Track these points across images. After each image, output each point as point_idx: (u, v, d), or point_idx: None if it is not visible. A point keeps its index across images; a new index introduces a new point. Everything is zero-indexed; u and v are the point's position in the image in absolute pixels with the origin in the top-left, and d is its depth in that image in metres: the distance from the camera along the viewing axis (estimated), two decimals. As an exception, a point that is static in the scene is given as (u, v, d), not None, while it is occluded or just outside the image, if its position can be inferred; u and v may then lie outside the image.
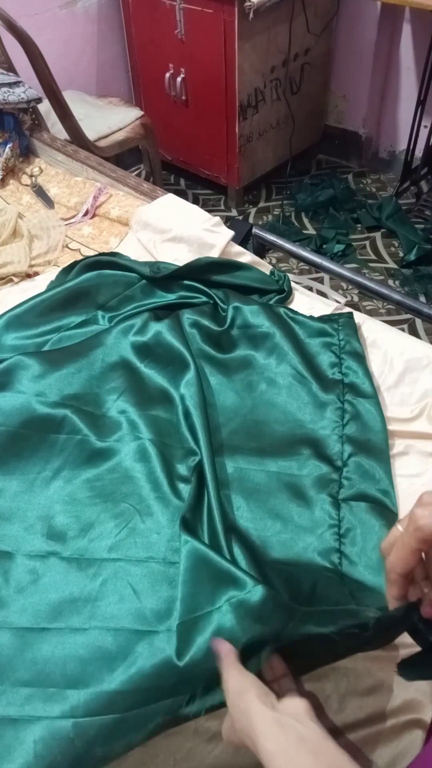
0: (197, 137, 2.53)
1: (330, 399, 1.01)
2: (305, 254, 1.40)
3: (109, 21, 2.53)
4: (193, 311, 1.14)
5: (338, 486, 0.89)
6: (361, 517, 0.86)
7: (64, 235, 1.43)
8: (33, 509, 0.85)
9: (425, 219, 2.46)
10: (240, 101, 2.31)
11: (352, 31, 2.52)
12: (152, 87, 2.56)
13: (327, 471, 0.91)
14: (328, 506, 0.87)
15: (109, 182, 1.56)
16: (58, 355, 1.04)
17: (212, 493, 0.84)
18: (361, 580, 0.78)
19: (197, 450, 0.91)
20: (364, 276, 1.37)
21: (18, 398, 0.95)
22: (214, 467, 0.88)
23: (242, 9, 2.05)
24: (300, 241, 2.38)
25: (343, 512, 0.86)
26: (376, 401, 1.00)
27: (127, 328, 1.09)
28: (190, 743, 0.63)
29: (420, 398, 1.03)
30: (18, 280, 1.31)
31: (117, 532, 0.82)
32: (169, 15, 2.26)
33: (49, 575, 0.77)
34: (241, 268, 1.25)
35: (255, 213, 2.63)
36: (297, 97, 2.55)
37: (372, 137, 2.78)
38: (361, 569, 0.81)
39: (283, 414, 1.00)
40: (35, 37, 1.74)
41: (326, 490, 0.88)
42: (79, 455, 0.91)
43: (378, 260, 2.34)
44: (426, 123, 2.45)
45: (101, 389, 1.00)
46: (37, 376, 0.99)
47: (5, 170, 1.60)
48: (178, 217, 1.35)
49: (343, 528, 0.85)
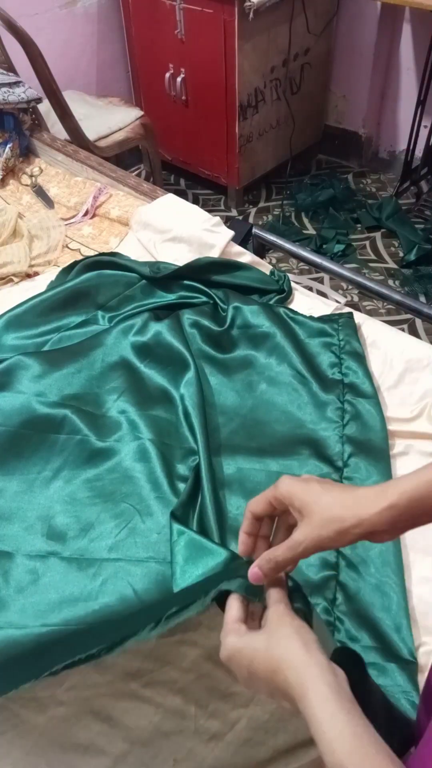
0: (197, 137, 2.53)
1: (330, 399, 1.01)
2: (305, 254, 1.40)
3: (109, 21, 2.52)
4: (193, 311, 1.14)
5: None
6: None
7: (64, 235, 1.43)
8: (33, 509, 0.85)
9: (425, 219, 2.46)
10: (240, 101, 2.31)
11: (352, 31, 2.52)
12: (152, 87, 2.55)
13: (327, 471, 0.91)
14: None
15: (109, 182, 1.56)
16: (58, 355, 1.04)
17: (207, 493, 0.84)
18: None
19: (197, 450, 0.91)
20: (364, 276, 1.37)
21: (18, 398, 0.95)
22: (211, 467, 0.88)
23: (242, 9, 2.05)
24: (300, 241, 2.38)
25: None
26: (376, 401, 1.00)
27: (127, 328, 1.09)
28: (190, 743, 0.63)
29: (420, 398, 1.03)
30: (18, 280, 1.31)
31: (117, 532, 0.82)
32: (169, 15, 2.25)
33: (49, 575, 0.77)
34: (241, 268, 1.25)
35: (255, 213, 2.63)
36: (297, 97, 2.55)
37: (372, 137, 2.77)
38: (359, 569, 0.81)
39: (284, 414, 1.00)
40: (35, 37, 1.74)
41: None
42: (79, 455, 0.91)
43: (378, 260, 2.34)
44: (426, 123, 2.45)
45: (101, 389, 1.00)
46: (37, 376, 0.99)
47: (5, 170, 1.60)
48: (178, 217, 1.35)
49: None
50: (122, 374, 1.03)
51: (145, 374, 1.04)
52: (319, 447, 0.94)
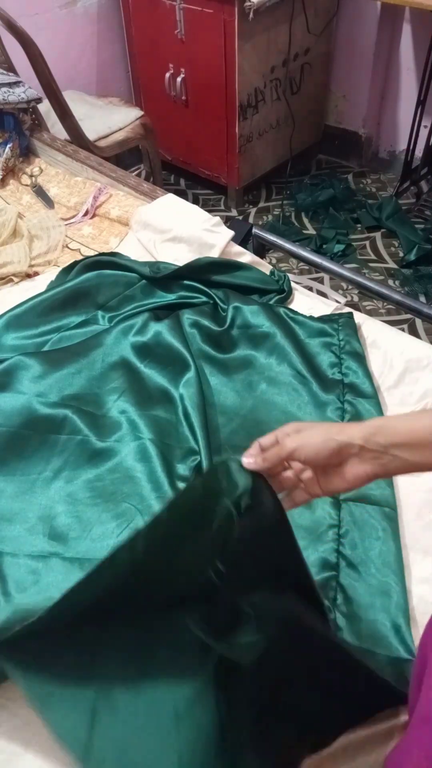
0: (197, 137, 2.53)
1: (330, 399, 1.01)
2: (305, 254, 1.40)
3: (109, 21, 2.52)
4: (193, 311, 1.14)
5: None
6: (361, 518, 0.86)
7: (64, 235, 1.43)
8: (34, 510, 0.85)
9: (425, 219, 2.46)
10: (240, 101, 2.31)
11: (352, 31, 2.52)
12: (152, 87, 2.55)
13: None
14: (328, 506, 0.87)
15: (109, 182, 1.57)
16: (58, 355, 1.04)
17: None
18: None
19: (198, 450, 0.91)
20: (364, 276, 1.37)
21: (19, 399, 0.95)
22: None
23: (242, 9, 2.05)
24: (300, 241, 2.38)
25: (344, 513, 0.86)
26: (376, 401, 1.00)
27: (127, 329, 1.09)
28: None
29: (420, 398, 1.03)
30: (18, 280, 1.31)
31: (119, 532, 0.82)
32: (169, 15, 2.25)
33: (50, 576, 0.77)
34: (241, 268, 1.25)
35: (255, 213, 2.63)
36: (297, 97, 2.55)
37: (372, 137, 2.77)
38: (359, 570, 0.81)
39: (284, 414, 1.00)
40: (35, 37, 1.74)
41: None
42: (79, 455, 0.91)
43: (378, 260, 2.34)
44: (426, 123, 2.45)
45: (101, 389, 1.00)
46: (37, 377, 0.99)
47: (5, 170, 1.60)
48: (178, 217, 1.35)
49: (342, 528, 0.85)
50: (122, 374, 1.03)
51: (145, 374, 1.04)
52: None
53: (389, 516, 0.86)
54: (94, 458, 0.90)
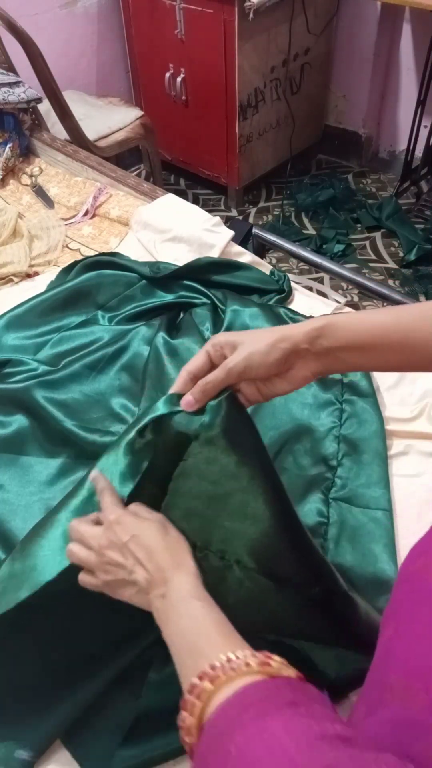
0: (197, 137, 2.54)
1: (328, 398, 1.01)
2: (305, 254, 1.40)
3: (109, 21, 2.53)
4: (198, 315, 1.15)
5: (331, 485, 0.90)
6: (349, 516, 0.86)
7: (64, 235, 1.43)
8: (38, 506, 0.86)
9: (425, 219, 2.46)
10: (240, 101, 2.31)
11: (352, 31, 2.52)
12: (152, 87, 2.56)
13: (322, 470, 0.91)
14: (319, 504, 0.87)
15: (109, 182, 1.57)
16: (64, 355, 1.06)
17: None
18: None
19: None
20: (364, 276, 1.37)
21: (23, 395, 0.96)
22: None
23: (242, 9, 2.05)
24: (300, 241, 2.38)
25: (332, 511, 0.87)
26: (374, 400, 1.00)
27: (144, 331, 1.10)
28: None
29: (420, 398, 1.03)
30: (18, 280, 1.31)
31: None
32: (169, 15, 2.26)
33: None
34: (241, 268, 1.25)
35: (255, 213, 2.63)
36: (297, 97, 2.55)
37: (372, 137, 2.78)
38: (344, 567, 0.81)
39: (282, 413, 1.00)
40: (35, 37, 1.74)
41: (319, 489, 0.88)
42: (83, 452, 0.91)
43: (378, 260, 2.34)
44: (426, 123, 2.45)
45: (107, 388, 1.02)
46: (42, 374, 0.99)
47: (5, 170, 1.60)
48: (178, 217, 1.35)
49: (330, 526, 0.85)
50: (126, 375, 1.03)
51: (148, 374, 1.04)
52: (315, 446, 0.94)
53: (378, 516, 0.86)
54: (99, 455, 0.91)
